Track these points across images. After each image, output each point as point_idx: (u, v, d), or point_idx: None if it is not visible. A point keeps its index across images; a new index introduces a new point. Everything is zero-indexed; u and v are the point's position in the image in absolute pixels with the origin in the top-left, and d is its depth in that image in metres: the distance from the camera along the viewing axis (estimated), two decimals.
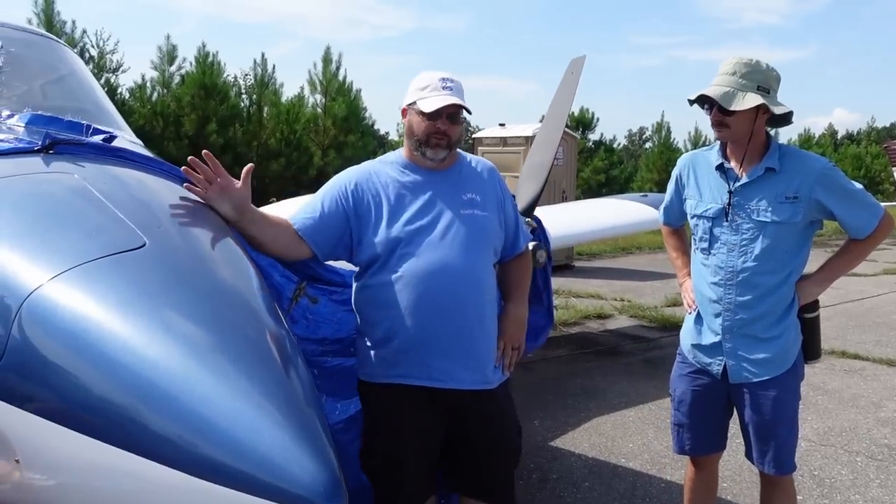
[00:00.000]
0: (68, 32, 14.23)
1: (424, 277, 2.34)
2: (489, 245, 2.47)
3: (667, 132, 25.78)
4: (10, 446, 1.50)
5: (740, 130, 2.56)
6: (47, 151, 2.10)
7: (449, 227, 2.39)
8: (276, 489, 1.29)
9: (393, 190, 2.45)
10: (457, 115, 2.42)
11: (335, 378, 2.70)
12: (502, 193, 2.57)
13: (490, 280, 2.48)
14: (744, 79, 2.51)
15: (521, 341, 2.55)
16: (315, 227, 2.42)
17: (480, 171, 2.57)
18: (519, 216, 2.66)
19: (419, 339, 2.35)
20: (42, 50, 3.49)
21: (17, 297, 1.53)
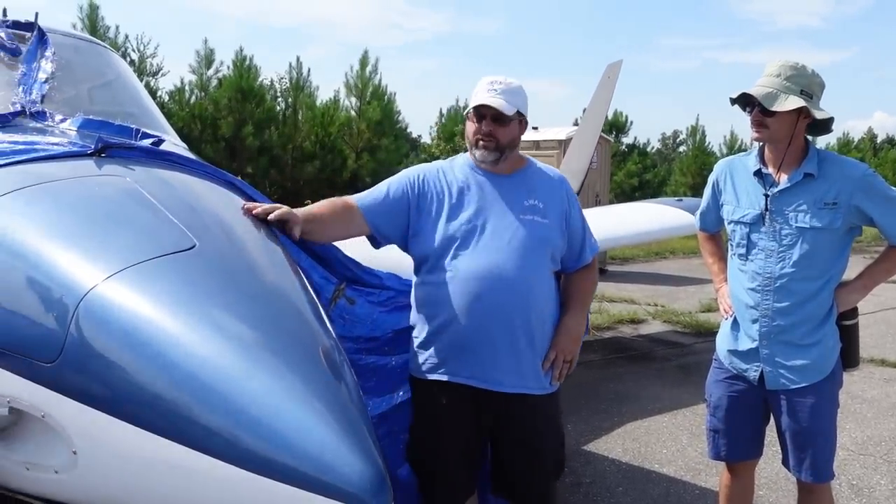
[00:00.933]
0: (111, 37, 14.56)
1: (473, 279, 2.39)
2: (545, 253, 2.46)
3: (701, 136, 25.54)
4: (68, 438, 1.57)
5: (779, 133, 2.55)
6: (100, 155, 2.18)
7: (504, 231, 2.42)
8: (324, 484, 1.34)
9: (456, 189, 2.50)
10: (503, 117, 2.44)
11: (368, 375, 2.74)
12: (569, 203, 2.56)
13: (543, 288, 2.46)
14: (788, 81, 2.51)
15: (573, 354, 2.51)
16: (377, 208, 2.52)
17: (548, 179, 2.58)
18: (587, 229, 2.62)
19: (464, 339, 2.40)
20: (91, 55, 3.60)
21: (75, 297, 1.60)
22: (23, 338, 1.63)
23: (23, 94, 2.76)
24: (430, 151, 23.19)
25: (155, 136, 2.57)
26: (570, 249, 2.56)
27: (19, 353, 1.62)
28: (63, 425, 1.57)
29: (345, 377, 1.63)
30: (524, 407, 2.45)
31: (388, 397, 2.76)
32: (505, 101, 2.43)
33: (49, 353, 1.57)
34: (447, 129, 23.60)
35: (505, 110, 2.42)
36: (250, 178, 15.20)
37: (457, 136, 22.95)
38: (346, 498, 1.32)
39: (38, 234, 1.79)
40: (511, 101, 2.45)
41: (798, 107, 2.48)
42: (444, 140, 23.41)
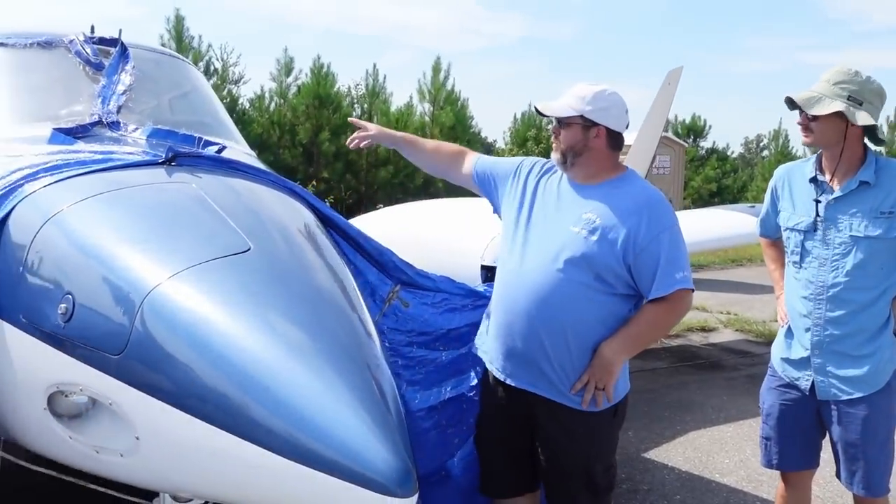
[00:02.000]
0: (196, 47, 15.12)
1: (509, 280, 2.47)
2: (585, 270, 2.33)
3: (785, 140, 24.68)
4: (132, 425, 1.71)
5: (824, 137, 2.53)
6: (170, 163, 2.34)
7: (547, 240, 2.42)
8: (356, 473, 1.44)
9: (542, 187, 2.55)
10: (562, 119, 2.43)
11: (417, 368, 2.83)
12: (640, 227, 2.33)
13: (576, 304, 2.34)
14: (837, 86, 2.49)
15: (605, 382, 2.37)
16: (486, 165, 2.75)
17: (628, 198, 2.40)
18: (672, 262, 2.34)
19: (493, 329, 2.51)
20: (169, 68, 3.82)
21: (140, 294, 1.74)
22: (94, 332, 1.79)
23: (101, 106, 2.97)
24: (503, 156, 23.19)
25: (218, 144, 2.73)
26: (639, 277, 2.36)
27: (91, 345, 1.77)
28: (128, 413, 1.72)
29: (383, 377, 1.72)
30: (547, 411, 2.45)
31: (436, 391, 2.84)
32: (564, 104, 2.42)
33: (116, 346, 1.72)
34: (520, 134, 23.58)
35: (555, 111, 2.43)
36: (326, 182, 15.58)
37: (529, 141, 22.94)
38: (374, 486, 1.42)
39: (111, 237, 1.96)
40: (572, 104, 2.41)
41: (834, 111, 2.45)
42: (517, 145, 23.42)
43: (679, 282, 2.34)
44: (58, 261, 1.97)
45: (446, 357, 2.88)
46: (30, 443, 2.08)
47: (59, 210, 2.04)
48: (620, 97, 2.48)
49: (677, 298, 2.36)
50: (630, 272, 2.36)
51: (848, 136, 2.51)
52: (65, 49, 3.28)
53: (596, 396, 2.39)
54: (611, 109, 2.43)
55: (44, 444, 2.01)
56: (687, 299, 2.40)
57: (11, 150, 2.54)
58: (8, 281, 2.02)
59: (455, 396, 2.89)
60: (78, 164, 2.31)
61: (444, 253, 3.62)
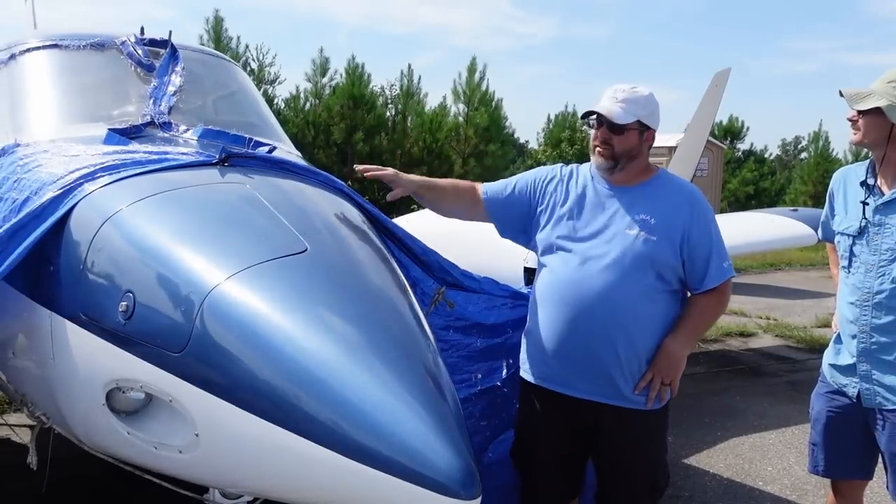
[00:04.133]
0: (233, 48, 15.33)
1: (562, 285, 2.44)
2: (647, 270, 2.39)
3: (825, 142, 24.26)
4: (191, 421, 1.73)
5: (869, 136, 2.50)
6: (223, 164, 2.36)
7: (603, 245, 2.42)
8: (416, 474, 1.44)
9: (574, 195, 2.54)
10: (618, 126, 2.42)
11: (450, 351, 2.83)
12: (693, 221, 2.43)
13: (643, 305, 2.40)
14: (889, 85, 2.44)
15: (672, 377, 2.44)
16: (498, 200, 2.66)
17: (672, 193, 2.49)
18: (717, 251, 2.46)
19: (548, 342, 2.47)
20: (216, 69, 3.87)
21: (201, 293, 1.76)
22: (154, 329, 1.82)
23: (153, 106, 3.02)
24: (537, 157, 23.14)
25: (269, 145, 2.75)
26: (692, 270, 2.45)
27: (151, 343, 1.80)
28: (187, 409, 1.74)
29: (439, 375, 1.72)
30: (613, 419, 2.45)
31: (466, 376, 2.84)
32: (620, 109, 2.41)
33: (177, 344, 1.74)
34: (554, 135, 23.50)
35: (616, 118, 2.41)
36: (360, 182, 15.65)
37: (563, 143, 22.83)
38: (437, 487, 1.42)
39: (169, 236, 1.98)
40: (630, 109, 2.42)
41: (874, 106, 2.41)
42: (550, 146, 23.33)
43: (727, 271, 2.48)
44: (118, 259, 2.00)
45: (480, 344, 2.89)
46: (87, 438, 2.11)
47: (118, 209, 2.08)
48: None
49: (726, 287, 2.49)
50: (683, 266, 2.44)
51: (893, 136, 2.45)
52: (117, 50, 3.33)
53: (661, 393, 2.44)
54: (656, 112, 2.51)
55: (101, 440, 2.04)
56: (730, 287, 2.53)
57: (69, 150, 2.59)
58: (68, 279, 2.05)
59: (487, 388, 2.88)
60: (134, 164, 2.34)
61: (487, 254, 3.60)
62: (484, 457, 2.86)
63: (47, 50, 3.33)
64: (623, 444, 2.49)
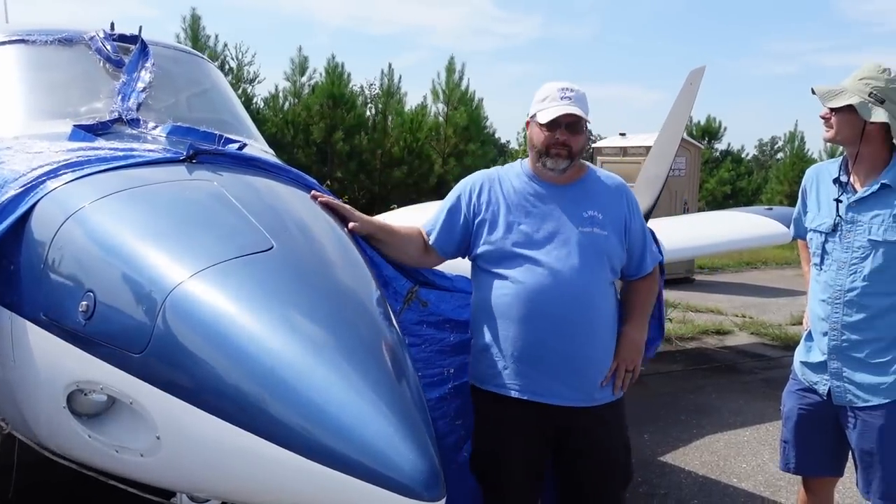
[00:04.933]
0: (211, 46, 15.18)
1: (533, 292, 2.38)
2: (605, 265, 2.44)
3: (800, 142, 24.47)
4: (153, 424, 1.70)
5: (841, 133, 2.51)
6: (191, 160, 2.32)
7: (564, 244, 2.41)
8: (380, 475, 1.41)
9: (514, 198, 2.50)
10: (577, 125, 2.43)
11: (423, 346, 2.78)
12: (629, 211, 2.52)
13: (604, 300, 2.45)
14: (861, 82, 2.46)
15: (635, 364, 2.50)
16: (446, 239, 2.60)
17: (607, 187, 2.54)
18: (648, 237, 2.61)
19: (522, 352, 2.40)
20: (188, 65, 3.82)
21: (162, 292, 1.73)
22: (115, 330, 1.77)
23: (121, 103, 2.97)
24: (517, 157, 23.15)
25: (239, 142, 2.72)
26: (630, 258, 2.54)
27: (112, 343, 1.76)
28: (148, 412, 1.70)
29: (407, 375, 1.70)
30: (589, 419, 2.44)
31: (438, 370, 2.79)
32: (580, 109, 2.42)
33: (138, 344, 1.71)
34: None
35: (585, 117, 2.44)
36: (340, 182, 15.59)
37: None
38: (400, 489, 1.39)
39: (132, 234, 1.94)
40: (583, 108, 2.44)
41: (847, 104, 2.42)
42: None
43: (658, 255, 2.65)
44: (79, 258, 1.96)
45: (454, 339, 2.86)
46: (48, 442, 2.06)
47: (81, 207, 2.03)
48: None
49: (656, 271, 2.66)
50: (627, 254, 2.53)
51: (866, 133, 2.46)
52: (85, 46, 3.28)
53: (625, 380, 2.49)
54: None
55: (62, 444, 1.99)
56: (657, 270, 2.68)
57: (32, 147, 2.54)
58: (29, 278, 2.01)
59: (461, 386, 2.86)
60: (99, 160, 2.29)
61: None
62: (459, 456, 2.84)
63: (13, 45, 3.27)
64: (600, 441, 2.49)
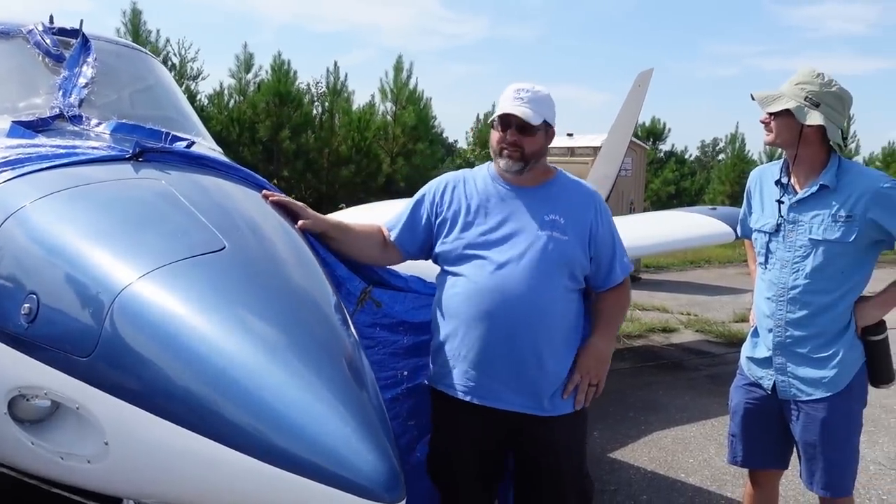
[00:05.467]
0: (153, 41, 14.86)
1: (482, 293, 2.34)
2: (563, 270, 2.37)
3: (741, 144, 25.16)
4: (100, 429, 1.64)
5: (780, 136, 2.58)
6: (137, 159, 2.26)
7: (518, 246, 2.36)
8: (338, 477, 1.39)
9: (475, 199, 2.47)
10: (529, 127, 2.37)
11: (377, 349, 2.75)
12: (597, 219, 2.45)
13: (559, 306, 2.38)
14: (797, 87, 2.53)
15: (599, 377, 2.41)
16: (409, 237, 2.58)
17: (574, 193, 2.49)
18: (618, 247, 2.51)
19: (468, 353, 2.37)
20: (132, 61, 3.71)
21: (110, 294, 1.67)
22: (60, 333, 1.71)
23: (62, 98, 2.87)
24: (466, 157, 23.25)
25: (187, 139, 2.66)
26: (598, 268, 2.47)
27: (56, 347, 1.70)
28: (96, 417, 1.65)
29: (363, 376, 1.68)
30: (539, 428, 2.38)
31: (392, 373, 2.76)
32: (531, 111, 2.37)
33: (84, 348, 1.65)
34: (483, 135, 23.62)
35: (531, 120, 2.36)
36: (286, 181, 15.41)
37: None
38: (360, 491, 1.38)
39: (77, 234, 1.88)
40: (538, 110, 2.38)
41: (785, 108, 2.50)
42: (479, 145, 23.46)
43: (629, 266, 2.55)
44: (20, 259, 1.88)
45: (407, 341, 2.83)
46: None
47: (21, 206, 1.96)
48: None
49: (626, 282, 2.57)
50: (591, 264, 2.45)
51: (804, 136, 2.53)
52: (23, 39, 3.15)
53: (588, 394, 2.41)
54: (554, 111, 2.49)
55: (3, 451, 1.92)
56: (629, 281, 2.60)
57: None
58: None
59: (414, 387, 2.84)
60: (40, 158, 2.22)
61: None
62: (412, 456, 2.83)
63: None
64: (548, 452, 2.43)
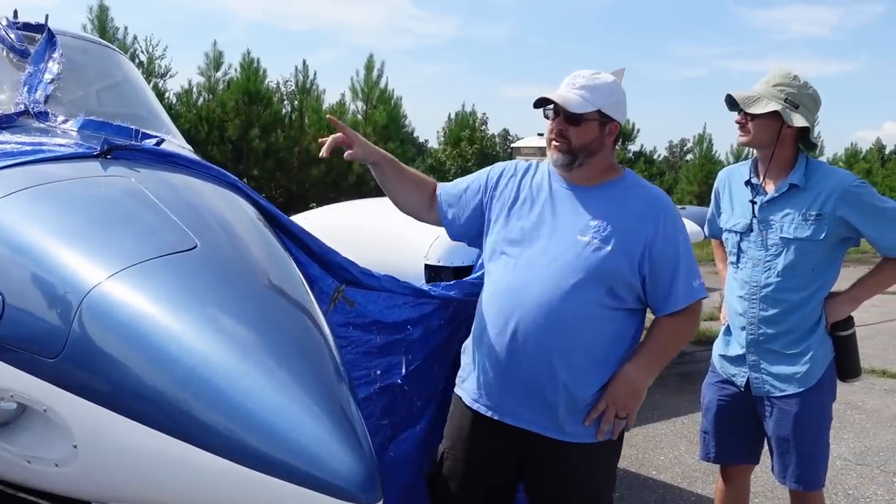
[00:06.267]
0: (120, 38, 14.66)
1: (503, 296, 2.18)
2: (596, 283, 2.09)
3: (708, 144, 25.50)
4: (69, 432, 1.60)
5: (758, 137, 2.61)
6: (105, 156, 2.21)
7: (552, 250, 2.14)
8: (315, 478, 1.37)
9: (526, 192, 2.27)
10: (574, 116, 2.14)
11: (349, 348, 2.70)
12: (657, 234, 2.12)
13: (587, 323, 2.10)
14: (775, 88, 2.57)
15: (629, 410, 2.14)
16: (452, 199, 2.41)
17: (636, 200, 2.18)
18: (685, 269, 2.15)
19: (483, 360, 2.22)
20: (99, 57, 3.64)
21: (78, 294, 1.64)
22: (26, 334, 1.67)
23: (27, 95, 2.80)
24: (437, 156, 23.26)
25: (156, 137, 2.61)
26: (655, 289, 2.14)
27: (22, 348, 1.65)
28: (64, 419, 1.61)
29: (338, 375, 1.66)
30: (552, 452, 2.17)
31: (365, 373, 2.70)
32: (578, 97, 2.13)
33: (52, 349, 1.61)
34: (454, 134, 23.65)
35: (572, 107, 2.12)
36: (256, 180, 15.28)
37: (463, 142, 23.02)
38: (337, 492, 1.36)
39: (43, 233, 1.83)
40: (589, 97, 2.13)
41: (772, 110, 2.53)
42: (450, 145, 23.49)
43: (697, 291, 2.18)
44: None
45: (380, 340, 2.81)
46: None
47: None
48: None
49: (695, 309, 2.20)
50: (643, 283, 2.14)
51: (781, 137, 2.58)
52: None
53: (614, 426, 2.15)
54: (623, 103, 2.23)
55: None
56: (700, 309, 2.24)
57: None
58: None
59: (387, 386, 2.82)
60: (4, 155, 2.16)
61: (388, 251, 3.56)
62: (385, 456, 2.81)
63: None
64: (557, 480, 2.20)
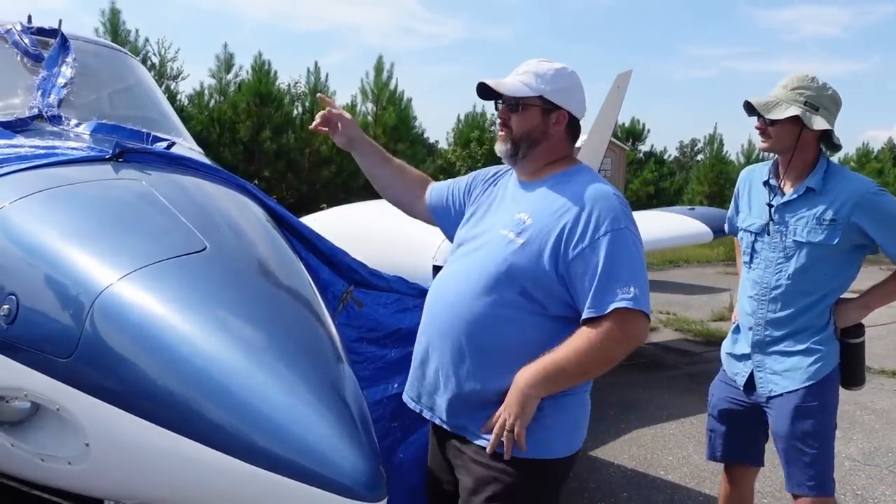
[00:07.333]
0: (132, 41, 14.78)
1: (430, 292, 2.13)
2: (508, 282, 1.91)
3: (719, 144, 25.39)
4: (81, 431, 1.64)
5: (780, 142, 2.59)
6: (117, 159, 2.25)
7: (478, 246, 2.04)
8: (321, 477, 1.40)
9: (493, 195, 2.18)
10: (516, 101, 2.01)
11: (365, 364, 2.74)
12: (574, 230, 1.88)
13: (497, 327, 1.92)
14: (794, 92, 2.54)
15: (513, 422, 1.86)
16: (439, 200, 2.34)
17: (568, 192, 1.95)
18: (612, 273, 1.84)
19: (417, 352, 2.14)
20: (111, 61, 3.70)
21: (90, 295, 1.67)
22: (40, 334, 1.71)
23: (41, 99, 2.85)
24: (447, 157, 23.28)
25: (167, 140, 2.65)
26: (573, 291, 1.89)
27: (37, 348, 1.69)
28: (77, 418, 1.65)
29: (345, 376, 1.69)
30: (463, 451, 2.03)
31: (382, 387, 2.76)
32: (518, 82, 2.00)
33: (65, 349, 1.65)
34: (464, 135, 23.66)
35: (509, 90, 2.00)
36: (267, 181, 15.36)
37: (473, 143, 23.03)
38: (342, 490, 1.39)
39: (56, 235, 1.87)
40: (530, 82, 2.00)
41: (792, 115, 2.51)
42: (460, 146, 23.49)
43: (620, 299, 1.83)
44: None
45: (395, 354, 2.84)
46: None
47: (1, 207, 1.95)
48: (579, 78, 2.09)
49: (618, 321, 1.83)
50: (566, 285, 1.89)
51: (801, 140, 2.56)
52: (1, 39, 3.14)
53: (505, 440, 1.88)
54: (573, 91, 2.06)
55: None
56: (633, 324, 1.86)
57: None
58: None
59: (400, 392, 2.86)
60: (19, 158, 2.21)
61: (396, 252, 3.60)
62: (394, 457, 2.84)
63: None
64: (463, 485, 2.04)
